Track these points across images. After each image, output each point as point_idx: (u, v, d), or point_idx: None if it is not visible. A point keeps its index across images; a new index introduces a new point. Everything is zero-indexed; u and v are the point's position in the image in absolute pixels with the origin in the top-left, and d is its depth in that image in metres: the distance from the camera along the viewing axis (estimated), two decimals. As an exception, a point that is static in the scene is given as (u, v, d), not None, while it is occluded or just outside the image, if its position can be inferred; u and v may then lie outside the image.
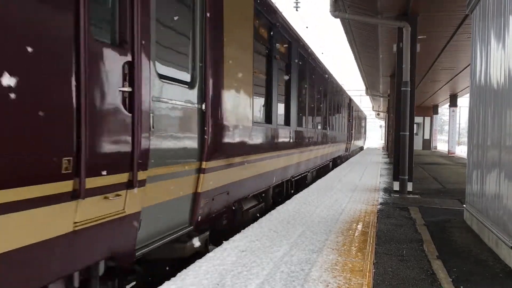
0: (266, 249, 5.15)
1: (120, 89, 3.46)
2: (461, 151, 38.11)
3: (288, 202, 8.56)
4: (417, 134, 40.40)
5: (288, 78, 9.45)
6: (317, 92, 13.65)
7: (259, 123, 7.20)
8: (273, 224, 6.52)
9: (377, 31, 14.01)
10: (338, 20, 12.83)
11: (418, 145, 40.07)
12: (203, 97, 5.01)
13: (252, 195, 7.42)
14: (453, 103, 33.97)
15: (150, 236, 4.17)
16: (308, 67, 11.79)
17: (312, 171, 14.10)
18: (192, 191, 4.92)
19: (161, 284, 3.95)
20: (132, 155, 3.59)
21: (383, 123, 62.32)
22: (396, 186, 10.89)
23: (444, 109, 52.95)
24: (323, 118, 15.15)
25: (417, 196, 10.35)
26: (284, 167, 9.40)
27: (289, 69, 9.51)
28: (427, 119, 41.51)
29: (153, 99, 3.97)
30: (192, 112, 4.80)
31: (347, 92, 26.30)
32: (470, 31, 7.45)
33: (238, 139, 6.10)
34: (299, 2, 29.25)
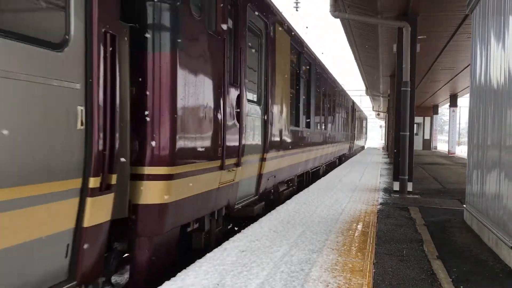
0: (266, 249, 5.15)
1: (236, 110, 5.96)
2: (461, 151, 38.11)
3: (288, 202, 8.56)
4: (417, 134, 40.41)
5: (309, 90, 11.88)
6: (328, 100, 16.06)
7: (292, 127, 9.72)
8: (273, 224, 6.52)
9: (377, 31, 14.01)
10: (338, 20, 12.82)
11: (418, 145, 40.07)
12: (265, 111, 7.43)
13: (285, 181, 9.71)
14: (453, 103, 33.97)
15: (239, 198, 6.50)
16: (322, 80, 14.34)
17: (323, 166, 16.44)
18: (258, 173, 7.30)
19: (161, 284, 3.95)
20: (239, 148, 6.03)
21: (383, 123, 62.35)
22: (396, 186, 10.90)
23: (444, 109, 53.00)
24: (332, 121, 17.56)
25: (417, 196, 10.35)
26: (305, 161, 11.82)
27: (309, 83, 12.01)
28: (427, 119, 41.52)
29: (246, 115, 6.38)
30: (260, 121, 7.24)
31: (349, 94, 28.07)
32: (470, 31, 7.45)
33: (282, 139, 8.66)
34: (299, 2, 29.25)
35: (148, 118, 4.10)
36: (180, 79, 4.36)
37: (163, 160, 4.18)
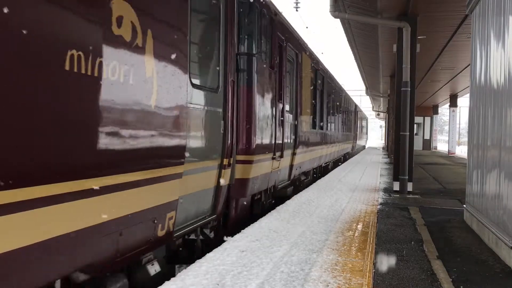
0: (266, 249, 5.15)
1: (280, 119, 8.42)
2: (461, 151, 38.13)
3: (288, 202, 8.56)
4: (417, 134, 40.39)
5: (322, 99, 14.56)
6: (336, 105, 18.85)
7: (311, 129, 12.42)
8: (273, 224, 6.52)
9: (377, 31, 14.01)
10: (338, 20, 12.82)
11: (418, 145, 40.05)
12: (296, 117, 10.10)
13: (305, 172, 12.28)
14: (453, 103, 33.97)
15: (280, 181, 9.00)
16: (331, 89, 17.15)
17: (332, 162, 19.28)
18: (290, 164, 9.84)
19: (161, 284, 3.96)
20: (282, 145, 8.55)
21: (383, 123, 62.34)
22: (396, 186, 10.90)
23: (444, 109, 52.98)
24: (339, 123, 20.28)
25: (417, 196, 10.35)
26: (319, 157, 14.59)
27: (323, 93, 14.74)
28: (427, 119, 41.50)
29: (286, 121, 8.98)
30: (292, 125, 9.86)
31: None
32: (470, 31, 7.45)
33: (305, 139, 11.35)
34: (299, 2, 29.25)
35: (240, 127, 6.57)
36: (256, 102, 6.88)
37: (249, 152, 6.74)
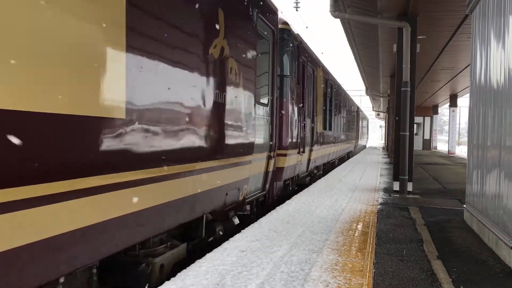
0: (266, 249, 5.15)
1: (304, 122, 11.20)
2: (461, 151, 38.12)
3: (288, 202, 8.57)
4: (417, 134, 40.38)
5: (331, 103, 16.93)
6: (341, 108, 21.26)
7: (323, 130, 14.89)
8: (273, 224, 6.52)
9: (377, 31, 14.00)
10: (338, 20, 12.82)
11: (418, 145, 40.04)
12: (312, 120, 12.59)
13: (317, 166, 14.58)
14: (453, 103, 33.96)
15: (301, 172, 11.50)
16: (337, 94, 19.50)
17: (337, 159, 21.86)
18: (308, 158, 12.20)
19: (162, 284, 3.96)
20: (304, 142, 11.21)
21: (383, 123, 62.34)
22: (396, 186, 10.89)
23: (444, 109, 52.95)
24: (344, 125, 22.92)
25: (417, 196, 10.35)
26: (328, 154, 17.14)
27: (331, 99, 17.17)
28: (427, 119, 41.50)
29: (307, 123, 11.86)
30: (310, 127, 12.20)
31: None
32: (470, 31, 7.45)
33: (319, 138, 13.83)
34: (299, 2, 29.24)
35: (279, 130, 8.80)
36: (289, 111, 9.60)
37: (283, 147, 9.32)
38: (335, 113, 18.39)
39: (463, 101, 37.78)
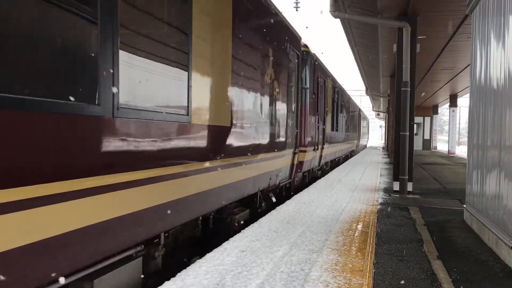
0: (266, 249, 5.15)
1: (317, 125, 13.32)
2: (461, 151, 38.11)
3: (288, 202, 8.56)
4: (417, 134, 40.39)
5: (337, 107, 18.98)
6: (345, 111, 23.24)
7: (331, 131, 16.88)
8: (273, 224, 6.52)
9: (377, 31, 14.00)
10: (338, 20, 12.82)
11: (418, 145, 40.04)
12: (324, 123, 14.68)
13: (326, 162, 16.59)
14: (453, 103, 33.95)
15: (315, 166, 13.77)
16: (343, 99, 22.03)
17: (342, 157, 23.82)
18: (319, 155, 14.10)
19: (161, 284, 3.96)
20: (318, 141, 13.51)
21: (383, 123, 62.34)
22: (396, 186, 10.89)
23: (444, 109, 52.94)
24: (348, 126, 25.06)
25: (417, 196, 10.35)
26: (335, 152, 19.25)
27: (338, 103, 19.20)
28: (427, 119, 41.50)
29: (320, 125, 14.05)
30: (322, 129, 14.19)
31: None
32: (470, 31, 7.45)
33: (328, 138, 15.78)
34: (299, 2, 29.20)
35: (300, 130, 10.53)
36: (308, 116, 11.48)
37: (303, 145, 11.07)
38: (341, 116, 20.57)
39: (463, 101, 37.78)
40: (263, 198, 7.98)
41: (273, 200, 8.60)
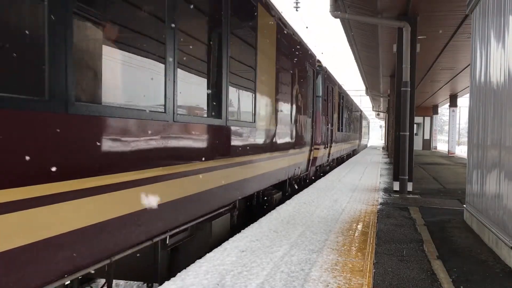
0: (266, 249, 5.15)
1: (327, 126, 15.39)
2: (461, 151, 38.11)
3: (288, 202, 8.56)
4: (417, 134, 40.39)
5: (342, 110, 21.32)
6: (349, 114, 25.70)
7: (338, 131, 18.90)
8: (273, 224, 6.52)
9: (377, 31, 14.00)
10: (338, 20, 12.82)
11: (418, 145, 40.04)
12: (332, 124, 16.78)
13: (333, 159, 18.30)
14: (453, 103, 33.94)
15: (324, 162, 15.60)
16: (347, 103, 24.55)
17: (345, 155, 25.77)
18: (328, 152, 16.16)
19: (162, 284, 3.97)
20: (327, 140, 15.67)
21: (383, 123, 62.35)
22: (396, 186, 10.89)
23: (444, 109, 52.94)
24: (351, 127, 27.51)
25: (417, 196, 10.35)
26: (340, 150, 21.29)
27: (343, 107, 21.57)
28: (427, 119, 41.49)
29: (327, 128, 15.94)
30: (330, 129, 16.23)
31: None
32: (470, 31, 7.45)
33: (335, 137, 17.99)
34: (299, 2, 29.21)
35: (313, 131, 12.35)
36: (320, 120, 13.55)
37: (316, 143, 12.96)
38: (345, 118, 23.24)
39: (463, 101, 37.78)
40: (289, 185, 10.23)
41: (296, 187, 10.82)
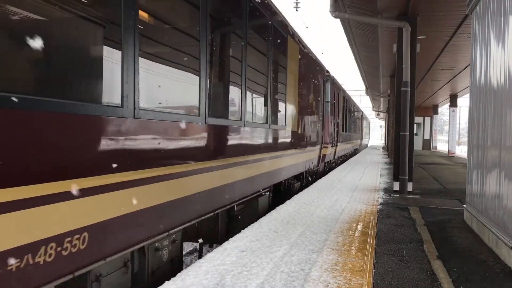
0: (266, 249, 5.15)
1: (334, 127, 17.68)
2: (461, 151, 38.11)
3: (288, 202, 8.57)
4: (417, 134, 40.38)
5: (346, 112, 23.12)
6: (352, 115, 27.70)
7: (343, 132, 21.41)
8: (273, 224, 6.52)
9: (377, 31, 14.00)
10: (338, 20, 12.82)
11: (418, 145, 40.04)
12: (337, 126, 18.80)
13: (338, 157, 20.53)
14: (453, 103, 33.95)
15: (330, 159, 17.63)
16: (351, 105, 26.73)
17: (348, 154, 27.53)
18: (334, 151, 18.33)
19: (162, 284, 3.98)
20: (334, 140, 17.96)
21: (383, 123, 62.36)
22: (396, 186, 10.89)
23: (444, 109, 52.93)
24: (354, 128, 29.78)
25: (417, 196, 10.35)
26: (344, 149, 23.29)
27: (347, 110, 23.45)
28: (427, 119, 41.49)
29: (334, 129, 18.19)
30: (336, 130, 18.28)
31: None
32: (470, 31, 7.45)
33: (341, 137, 20.41)
34: (299, 2, 29.20)
35: (322, 131, 14.39)
36: (329, 122, 15.86)
37: (325, 143, 15.07)
38: (349, 120, 25.48)
39: (463, 101, 37.77)
40: (304, 177, 12.28)
41: (309, 179, 13.07)
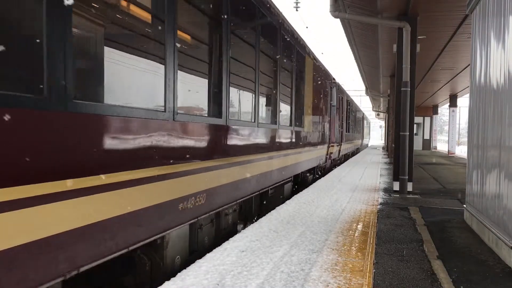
0: (266, 249, 5.15)
1: (339, 128, 19.47)
2: (461, 151, 38.09)
3: (288, 202, 8.57)
4: (417, 134, 40.36)
5: (349, 114, 24.65)
6: (354, 117, 29.62)
7: (346, 132, 23.45)
8: (273, 224, 6.52)
9: (377, 31, 14.00)
10: (338, 20, 12.82)
11: (418, 145, 40.03)
12: (342, 127, 20.86)
13: (343, 155, 22.78)
14: (453, 103, 33.95)
15: (336, 156, 19.19)
16: (353, 107, 28.55)
17: (350, 153, 28.90)
18: (339, 149, 19.84)
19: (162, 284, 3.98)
20: (338, 139, 19.45)
21: (383, 123, 62.36)
22: (396, 186, 10.89)
23: (444, 109, 52.93)
24: (356, 128, 31.77)
25: (417, 196, 10.35)
26: (347, 148, 24.57)
27: (349, 112, 24.93)
28: (427, 119, 41.48)
29: (339, 130, 19.90)
30: (340, 131, 19.98)
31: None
32: (470, 31, 7.45)
33: (345, 137, 22.39)
34: (299, 2, 29.17)
35: (329, 132, 16.04)
36: (334, 124, 17.56)
37: (332, 142, 16.76)
38: (351, 121, 27.01)
39: (463, 101, 37.77)
40: (315, 172, 13.95)
41: (319, 174, 14.71)
